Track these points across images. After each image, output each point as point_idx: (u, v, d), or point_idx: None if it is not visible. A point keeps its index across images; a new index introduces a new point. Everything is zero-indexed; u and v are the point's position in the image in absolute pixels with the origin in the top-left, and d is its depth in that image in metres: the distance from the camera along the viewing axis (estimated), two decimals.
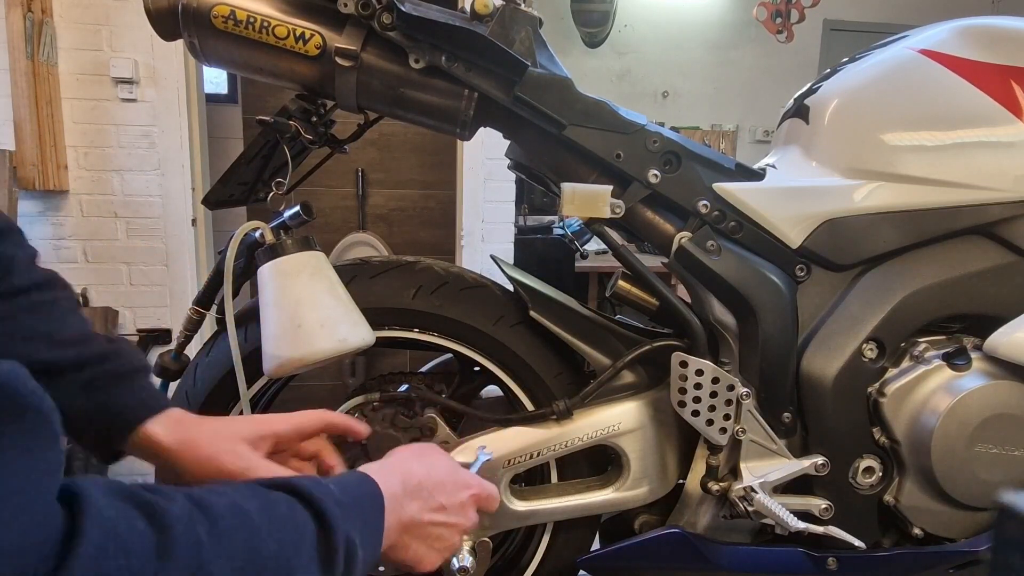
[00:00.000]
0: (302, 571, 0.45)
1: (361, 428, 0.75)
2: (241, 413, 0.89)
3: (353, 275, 0.92)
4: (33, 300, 0.63)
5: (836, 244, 0.93)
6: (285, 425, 0.70)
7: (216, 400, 0.92)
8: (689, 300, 0.96)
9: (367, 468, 0.60)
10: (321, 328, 0.79)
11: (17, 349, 0.61)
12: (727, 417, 0.91)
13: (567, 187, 0.86)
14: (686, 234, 0.91)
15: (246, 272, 0.87)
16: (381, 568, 0.89)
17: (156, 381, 0.80)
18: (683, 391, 0.90)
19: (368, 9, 0.79)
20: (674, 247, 0.91)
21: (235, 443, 0.67)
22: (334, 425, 0.74)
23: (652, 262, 1.07)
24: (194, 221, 2.52)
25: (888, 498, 0.96)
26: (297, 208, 0.88)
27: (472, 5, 0.83)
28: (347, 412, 0.88)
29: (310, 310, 0.80)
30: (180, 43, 0.80)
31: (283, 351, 0.80)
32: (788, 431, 0.95)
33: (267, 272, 0.82)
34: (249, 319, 0.89)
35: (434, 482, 0.63)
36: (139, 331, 2.50)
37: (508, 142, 1.00)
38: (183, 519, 0.39)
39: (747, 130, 4.86)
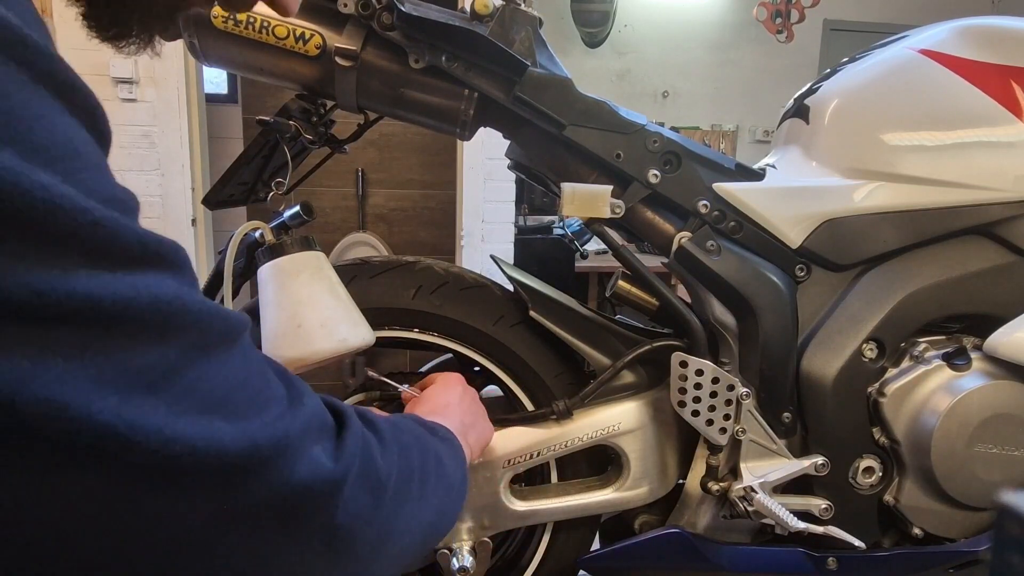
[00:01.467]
0: (451, 464, 0.61)
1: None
2: None
3: (353, 275, 0.92)
4: None
5: (836, 244, 0.93)
6: None
7: None
8: (689, 300, 0.96)
9: (414, 405, 0.77)
10: (321, 328, 0.80)
11: None
12: (727, 417, 0.91)
13: (567, 187, 0.86)
14: (686, 234, 0.91)
15: (246, 272, 0.87)
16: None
17: None
18: (683, 391, 0.90)
19: (368, 9, 0.79)
20: (674, 247, 0.91)
21: None
22: None
23: (652, 262, 1.07)
24: (194, 221, 2.52)
25: (888, 498, 0.96)
26: (297, 208, 0.88)
27: (472, 5, 0.83)
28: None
29: (310, 310, 0.80)
30: (180, 43, 0.80)
31: (283, 351, 0.80)
32: (788, 431, 0.95)
33: (267, 272, 0.82)
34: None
35: (450, 400, 0.79)
36: None
37: (508, 142, 1.00)
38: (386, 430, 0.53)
39: (747, 130, 4.86)
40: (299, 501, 0.39)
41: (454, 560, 0.93)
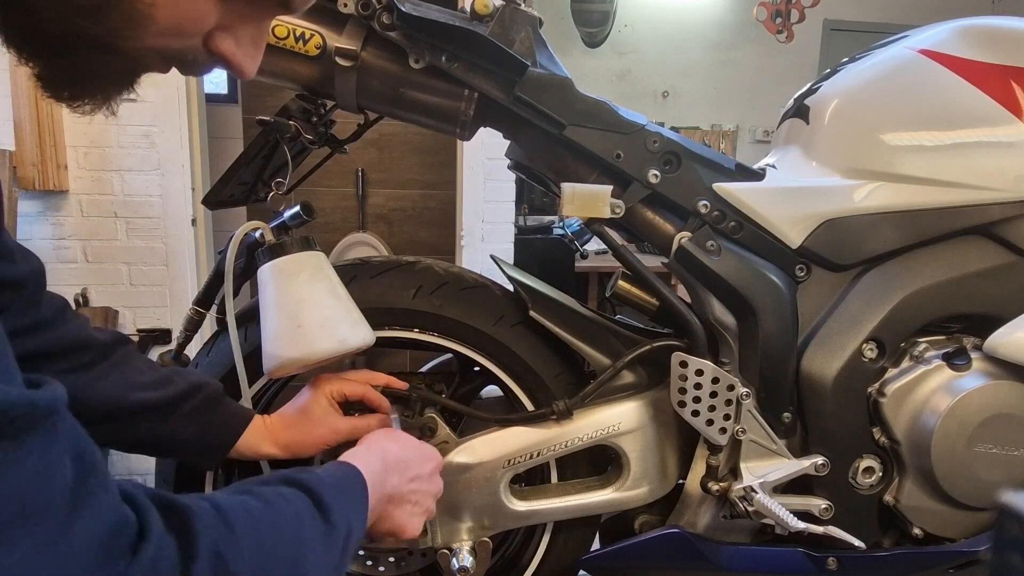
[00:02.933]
0: (308, 547, 0.50)
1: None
2: None
3: (353, 275, 0.92)
4: (117, 357, 0.75)
5: (836, 244, 0.93)
6: (350, 387, 0.87)
7: None
8: (689, 300, 0.96)
9: (348, 455, 0.67)
10: (321, 328, 0.79)
11: (119, 399, 0.73)
12: (727, 417, 0.91)
13: (567, 187, 0.86)
14: (686, 234, 0.91)
15: (246, 272, 0.87)
16: (371, 543, 0.95)
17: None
18: (683, 391, 0.90)
19: (368, 9, 0.79)
20: (674, 247, 0.91)
21: (325, 424, 0.84)
22: (375, 379, 0.91)
23: (652, 262, 1.07)
24: (194, 221, 2.52)
25: (888, 498, 0.96)
26: (297, 208, 0.88)
27: (472, 5, 0.83)
28: (348, 413, 0.89)
29: (310, 310, 0.80)
30: None
31: (283, 351, 0.80)
32: (788, 431, 0.95)
33: (267, 272, 0.82)
34: (249, 319, 0.89)
35: (407, 456, 0.73)
36: (139, 331, 2.50)
37: (508, 142, 1.00)
38: (208, 521, 0.44)
39: (747, 130, 4.86)
40: None
41: (454, 560, 0.93)
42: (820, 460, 0.93)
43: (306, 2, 0.50)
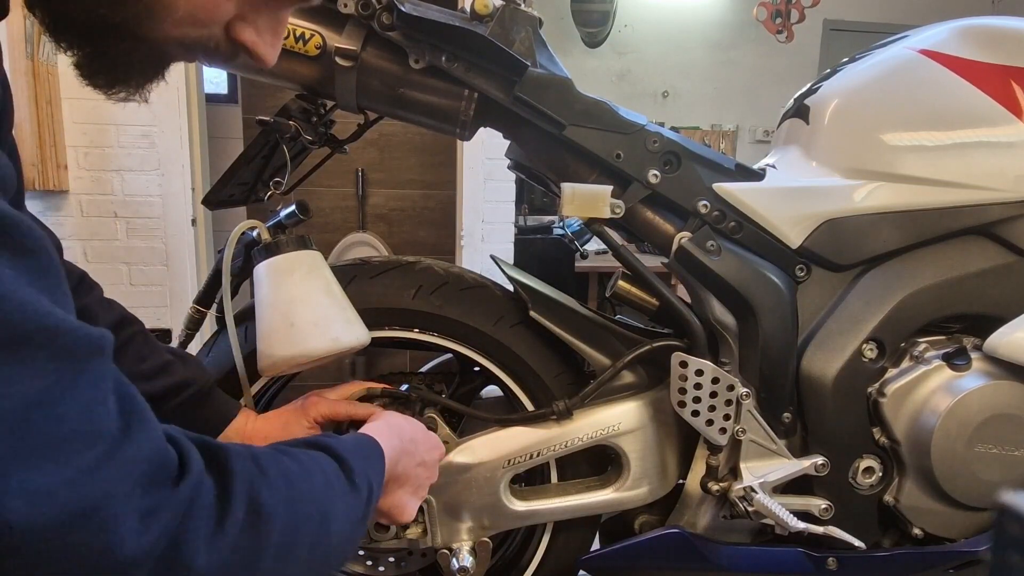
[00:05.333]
0: (334, 505, 0.53)
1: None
2: None
3: (353, 275, 0.92)
4: (116, 344, 0.72)
5: (836, 244, 0.93)
6: (335, 409, 0.85)
7: None
8: (689, 300, 0.96)
9: (368, 428, 0.70)
10: (315, 327, 0.79)
11: None
12: (727, 417, 0.91)
13: (567, 187, 0.86)
14: (686, 234, 0.91)
15: (244, 271, 0.87)
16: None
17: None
18: (683, 391, 0.90)
19: (368, 9, 0.79)
20: (674, 247, 0.91)
21: (307, 428, 0.82)
22: (353, 390, 0.89)
23: (652, 262, 1.07)
24: (194, 221, 2.52)
25: (888, 498, 0.96)
26: (293, 207, 0.88)
27: (472, 5, 0.83)
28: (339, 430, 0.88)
29: (304, 309, 0.80)
30: None
31: (276, 350, 0.80)
32: (788, 431, 0.95)
33: (262, 271, 0.82)
34: (249, 318, 0.89)
35: (418, 440, 0.75)
36: None
37: (508, 142, 1.00)
38: (246, 465, 0.46)
39: (747, 130, 4.86)
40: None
41: (454, 560, 0.93)
42: (820, 460, 0.93)
43: None
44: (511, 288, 0.96)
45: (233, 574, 0.43)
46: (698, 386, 0.89)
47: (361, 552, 1.00)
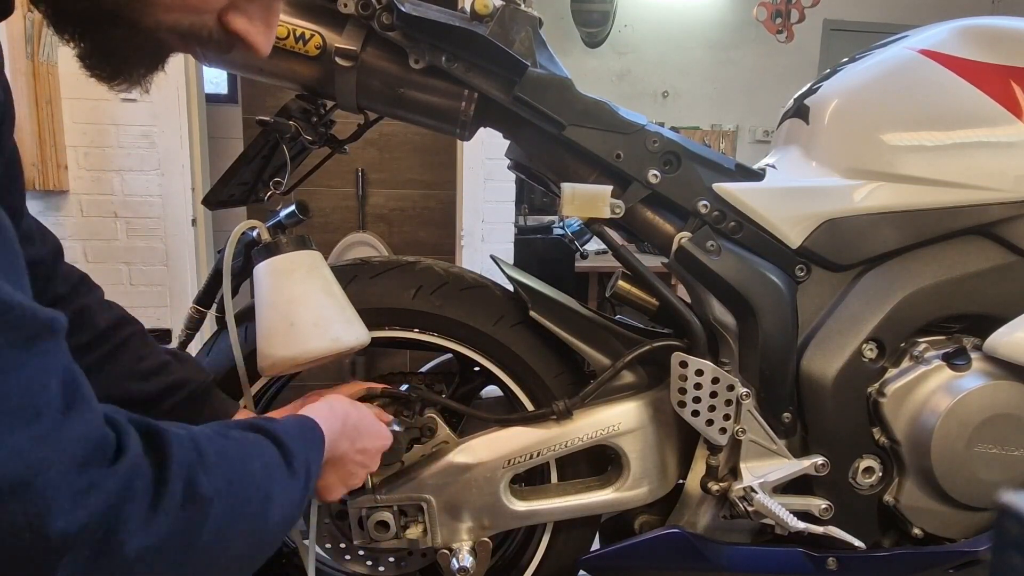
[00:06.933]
0: (273, 487, 0.53)
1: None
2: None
3: (353, 275, 0.92)
4: (114, 343, 0.75)
5: (836, 244, 0.93)
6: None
7: None
8: (689, 300, 0.96)
9: (310, 410, 0.70)
10: (314, 327, 0.79)
11: (109, 390, 0.73)
12: (727, 417, 0.91)
13: (567, 187, 0.86)
14: (686, 234, 0.91)
15: (244, 271, 0.87)
16: None
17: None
18: (683, 391, 0.90)
19: (368, 9, 0.79)
20: (674, 247, 0.91)
21: None
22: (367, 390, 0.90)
23: (652, 262, 1.07)
24: (194, 221, 2.52)
25: (888, 498, 0.96)
26: (292, 207, 0.88)
27: (472, 5, 0.83)
28: None
29: (304, 309, 0.80)
30: None
31: (275, 350, 0.80)
32: (788, 431, 0.95)
33: (262, 271, 0.82)
34: (249, 318, 0.89)
35: (362, 427, 0.75)
36: None
37: (508, 142, 1.00)
38: (184, 446, 0.47)
39: (747, 130, 4.86)
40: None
41: (454, 560, 0.93)
42: (820, 460, 0.93)
43: None
44: (511, 288, 0.96)
45: (168, 557, 0.43)
46: (698, 386, 0.89)
47: (361, 552, 1.00)
